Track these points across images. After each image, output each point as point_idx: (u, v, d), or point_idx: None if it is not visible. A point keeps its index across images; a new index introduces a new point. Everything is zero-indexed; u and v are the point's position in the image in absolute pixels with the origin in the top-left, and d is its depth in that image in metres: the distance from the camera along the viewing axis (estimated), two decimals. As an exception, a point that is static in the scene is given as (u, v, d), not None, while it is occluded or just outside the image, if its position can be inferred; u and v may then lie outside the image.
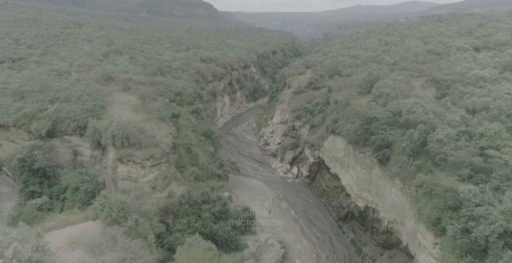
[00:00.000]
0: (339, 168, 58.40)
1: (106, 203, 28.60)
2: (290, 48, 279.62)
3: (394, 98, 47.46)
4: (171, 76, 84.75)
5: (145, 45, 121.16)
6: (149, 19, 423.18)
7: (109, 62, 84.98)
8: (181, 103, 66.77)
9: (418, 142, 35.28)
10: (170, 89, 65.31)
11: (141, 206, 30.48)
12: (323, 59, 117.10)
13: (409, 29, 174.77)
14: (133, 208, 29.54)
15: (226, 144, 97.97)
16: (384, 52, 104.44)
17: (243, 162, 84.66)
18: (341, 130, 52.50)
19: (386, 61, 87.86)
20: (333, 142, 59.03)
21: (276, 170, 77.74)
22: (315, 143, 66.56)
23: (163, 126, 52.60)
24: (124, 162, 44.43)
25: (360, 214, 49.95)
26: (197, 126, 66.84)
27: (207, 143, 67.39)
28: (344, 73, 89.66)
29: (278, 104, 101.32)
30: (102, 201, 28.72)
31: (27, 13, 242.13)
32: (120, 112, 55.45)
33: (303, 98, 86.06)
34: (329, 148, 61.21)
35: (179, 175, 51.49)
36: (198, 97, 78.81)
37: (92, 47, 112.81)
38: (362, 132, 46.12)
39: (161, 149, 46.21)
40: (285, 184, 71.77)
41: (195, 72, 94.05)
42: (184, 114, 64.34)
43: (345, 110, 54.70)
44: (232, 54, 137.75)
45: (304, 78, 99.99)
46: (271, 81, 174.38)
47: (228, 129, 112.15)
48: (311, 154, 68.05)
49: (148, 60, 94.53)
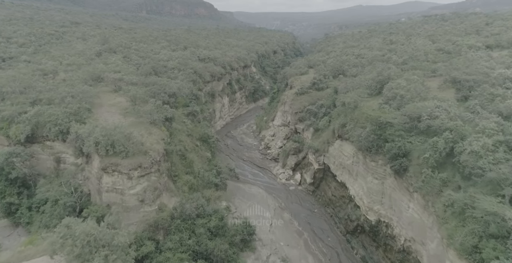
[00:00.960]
0: (346, 176, 53.67)
1: (68, 234, 23.74)
2: (291, 48, 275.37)
3: (410, 101, 42.73)
4: (166, 76, 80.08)
5: (141, 44, 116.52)
6: (148, 18, 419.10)
7: (100, 61, 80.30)
8: (176, 105, 62.05)
9: (444, 152, 30.59)
10: (163, 90, 60.60)
11: (113, 238, 25.48)
12: (326, 59, 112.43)
13: (412, 28, 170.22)
14: (103, 241, 24.54)
15: (225, 147, 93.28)
16: (390, 51, 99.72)
17: (243, 167, 79.96)
18: (350, 135, 47.76)
19: (393, 61, 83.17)
20: (340, 147, 54.30)
21: (278, 176, 72.99)
22: (320, 148, 61.83)
23: (154, 131, 47.90)
24: (109, 172, 39.74)
25: (371, 228, 45.20)
26: (193, 130, 62.09)
27: (204, 148, 62.64)
28: (349, 73, 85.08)
29: (279, 105, 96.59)
30: (63, 233, 23.94)
31: (24, 12, 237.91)
32: (108, 116, 50.73)
33: (306, 100, 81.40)
34: (335, 154, 56.49)
35: (172, 185, 46.77)
36: (194, 99, 74.11)
37: (86, 46, 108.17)
38: (375, 138, 41.39)
39: (151, 157, 41.49)
40: (288, 191, 67.04)
41: (192, 72, 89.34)
42: (179, 117, 59.64)
43: (354, 114, 49.98)
44: (231, 54, 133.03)
45: (306, 79, 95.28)
46: (272, 82, 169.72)
47: (227, 131, 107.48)
48: (315, 160, 63.32)
49: (143, 60, 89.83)
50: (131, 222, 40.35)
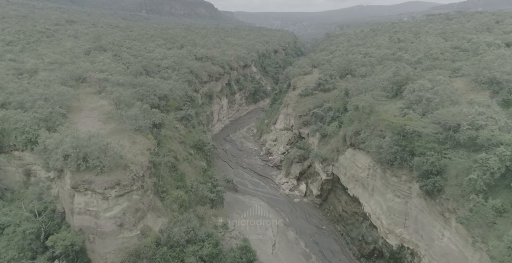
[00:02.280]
0: (360, 190, 47.04)
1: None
2: (292, 47, 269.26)
3: (439, 106, 36.15)
4: (159, 76, 73.55)
5: (134, 42, 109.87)
6: (147, 18, 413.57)
7: (87, 59, 73.72)
8: (167, 109, 55.48)
9: (498, 173, 24.12)
10: (153, 92, 54.03)
11: None
12: (331, 58, 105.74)
13: (418, 27, 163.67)
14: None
15: (223, 152, 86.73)
16: (400, 49, 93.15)
17: (242, 175, 73.38)
18: (367, 146, 41.09)
19: (405, 59, 76.70)
20: (353, 157, 47.68)
21: (281, 186, 66.38)
22: (328, 157, 55.21)
23: (139, 140, 41.29)
24: (80, 191, 33.15)
25: (392, 254, 38.58)
26: (186, 136, 55.45)
27: (198, 156, 56.02)
28: (358, 73, 78.56)
29: (281, 108, 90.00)
30: None
31: (19, 11, 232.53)
32: (87, 122, 44.16)
33: (311, 102, 74.78)
34: (346, 165, 49.86)
35: (159, 203, 40.15)
36: (189, 101, 67.48)
37: (75, 44, 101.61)
38: (398, 150, 34.77)
39: (132, 172, 34.86)
40: (292, 204, 60.41)
41: (188, 72, 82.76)
42: (170, 122, 53.05)
43: (370, 120, 43.38)
44: (231, 52, 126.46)
45: (311, 79, 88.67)
46: (273, 82, 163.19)
47: (226, 135, 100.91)
48: (323, 170, 56.71)
49: (135, 58, 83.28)
50: (107, 251, 33.81)
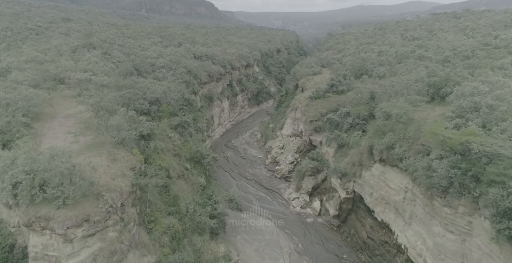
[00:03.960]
0: (391, 215, 38.69)
1: None
2: (295, 47, 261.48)
3: (506, 115, 27.82)
4: (152, 76, 65.29)
5: (128, 39, 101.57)
6: (147, 17, 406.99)
7: (70, 57, 65.48)
8: (159, 115, 47.18)
9: None
10: (143, 96, 45.72)
11: None
12: (341, 57, 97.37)
13: (425, 25, 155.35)
14: None
15: (224, 161, 78.42)
16: (419, 47, 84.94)
17: (246, 188, 65.04)
18: (408, 165, 32.64)
19: (428, 57, 68.69)
20: (383, 175, 39.32)
21: (290, 202, 58.00)
22: (348, 172, 46.85)
23: (121, 157, 32.98)
24: (36, 230, 24.86)
25: (441, 305, 30.21)
26: (182, 148, 47.07)
27: (196, 171, 47.67)
28: (375, 73, 70.40)
29: (289, 111, 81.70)
30: None
31: (14, 8, 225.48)
32: (58, 133, 35.88)
33: (323, 106, 66.45)
34: (373, 183, 41.51)
35: (145, 237, 31.80)
36: (186, 105, 59.17)
37: (63, 41, 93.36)
38: (457, 174, 26.41)
39: (107, 202, 26.53)
40: (305, 225, 52.03)
41: (185, 72, 74.49)
42: (162, 131, 44.71)
43: (408, 131, 35.00)
44: (232, 51, 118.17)
45: (321, 80, 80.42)
46: (277, 82, 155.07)
47: (227, 140, 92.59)
48: (342, 186, 48.36)
49: (126, 56, 75.00)
50: (72, 310, 25.50)
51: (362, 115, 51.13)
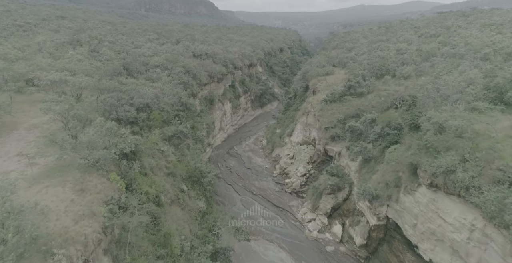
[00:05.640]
0: (446, 256, 30.08)
1: None
2: (297, 46, 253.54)
3: None
4: (145, 77, 56.77)
5: (120, 36, 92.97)
6: (146, 16, 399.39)
7: (50, 55, 56.94)
8: (150, 124, 38.60)
9: None
10: (129, 101, 37.13)
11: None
12: (354, 55, 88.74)
13: (433, 23, 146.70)
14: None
15: (226, 171, 69.97)
16: (444, 44, 76.48)
17: (252, 205, 56.47)
18: (476, 196, 24.07)
19: (460, 54, 60.32)
20: (433, 204, 30.72)
21: (305, 224, 49.40)
22: (380, 194, 38.31)
23: (92, 185, 24.43)
24: None
25: None
26: (177, 165, 38.27)
27: (195, 193, 39.00)
28: (399, 72, 61.93)
29: (299, 116, 73.10)
30: None
31: (7, 6, 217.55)
32: (12, 151, 27.29)
33: (341, 110, 57.92)
34: (417, 212, 32.91)
35: (123, 298, 23.21)
36: (183, 110, 50.55)
37: (50, 37, 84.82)
38: None
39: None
40: (324, 255, 43.42)
41: (183, 72, 65.99)
42: (153, 145, 36.11)
43: (477, 150, 26.42)
44: (234, 49, 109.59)
45: (334, 80, 71.89)
46: (280, 83, 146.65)
47: (230, 147, 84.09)
48: (371, 211, 39.82)
49: (116, 54, 66.45)
50: None
51: (393, 124, 42.56)
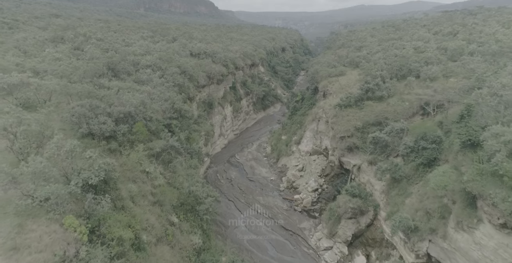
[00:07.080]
0: None
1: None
2: (299, 46, 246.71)
3: None
4: (134, 78, 49.13)
5: (110, 33, 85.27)
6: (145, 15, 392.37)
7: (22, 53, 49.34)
8: (132, 138, 30.90)
9: None
10: (106, 110, 29.44)
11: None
12: (366, 54, 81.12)
13: (444, 22, 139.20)
14: None
15: (227, 184, 62.37)
16: (467, 41, 68.94)
17: (257, 227, 48.80)
18: None
19: (501, 53, 52.92)
20: (506, 250, 23.08)
21: (321, 253, 41.75)
22: (420, 226, 30.66)
23: (34, 238, 16.77)
24: None
25: None
26: (166, 190, 30.41)
27: (188, 224, 31.04)
28: (424, 73, 54.45)
29: (308, 122, 65.48)
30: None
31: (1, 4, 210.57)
32: None
33: (358, 117, 50.43)
34: (478, 257, 25.17)
35: None
36: (177, 118, 42.85)
37: (32, 34, 77.17)
38: None
39: None
40: (347, 296, 35.85)
41: (178, 72, 58.42)
42: (135, 165, 28.43)
43: None
44: (235, 48, 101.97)
45: (347, 82, 64.34)
46: (283, 84, 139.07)
47: (230, 155, 76.43)
48: (408, 246, 32.14)
49: (103, 52, 58.75)
50: None
51: (431, 137, 34.91)
